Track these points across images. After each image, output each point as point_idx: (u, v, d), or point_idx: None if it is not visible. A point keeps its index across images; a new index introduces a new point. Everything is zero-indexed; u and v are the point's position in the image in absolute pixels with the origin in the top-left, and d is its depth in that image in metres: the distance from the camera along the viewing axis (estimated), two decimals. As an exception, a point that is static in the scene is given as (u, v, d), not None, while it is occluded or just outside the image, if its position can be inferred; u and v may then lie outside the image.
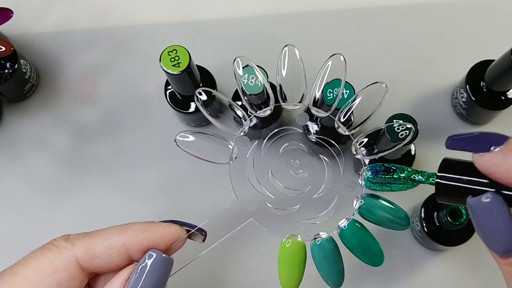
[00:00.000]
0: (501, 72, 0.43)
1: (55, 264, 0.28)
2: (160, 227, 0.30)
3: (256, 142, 0.35)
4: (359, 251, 0.32)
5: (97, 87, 0.54)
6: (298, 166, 0.36)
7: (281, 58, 0.34)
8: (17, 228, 0.51)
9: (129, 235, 0.30)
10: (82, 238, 0.30)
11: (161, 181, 0.51)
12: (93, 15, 0.57)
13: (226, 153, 0.34)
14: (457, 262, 0.48)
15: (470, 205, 0.26)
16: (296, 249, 0.32)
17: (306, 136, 0.44)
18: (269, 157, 0.36)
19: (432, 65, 0.53)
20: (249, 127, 0.37)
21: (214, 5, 0.56)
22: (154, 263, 0.28)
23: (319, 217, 0.33)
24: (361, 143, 0.34)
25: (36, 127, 0.53)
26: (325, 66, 0.34)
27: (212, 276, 0.49)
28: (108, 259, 0.29)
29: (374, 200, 0.33)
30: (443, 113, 0.52)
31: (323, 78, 0.34)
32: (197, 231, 0.32)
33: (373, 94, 0.34)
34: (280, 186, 0.34)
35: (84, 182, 0.52)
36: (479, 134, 0.27)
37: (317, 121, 0.45)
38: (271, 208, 0.34)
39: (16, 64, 0.49)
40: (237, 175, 0.33)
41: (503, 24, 0.54)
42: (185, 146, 0.33)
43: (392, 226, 0.32)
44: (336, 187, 0.34)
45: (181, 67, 0.42)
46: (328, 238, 0.32)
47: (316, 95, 0.35)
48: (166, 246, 0.30)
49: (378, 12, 0.55)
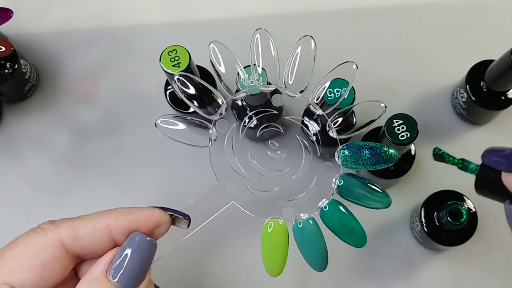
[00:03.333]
0: (501, 72, 0.43)
1: (40, 244, 0.29)
2: (143, 210, 0.31)
3: (234, 125, 0.35)
4: (340, 232, 0.32)
5: (97, 87, 0.54)
6: (276, 147, 0.36)
7: (253, 43, 0.35)
8: (17, 228, 0.51)
9: (113, 217, 0.30)
10: (68, 221, 0.30)
11: (161, 181, 0.51)
12: (93, 15, 0.57)
13: (206, 137, 0.34)
14: (457, 262, 0.48)
15: (508, 211, 0.27)
16: (278, 232, 0.32)
17: (280, 115, 0.44)
18: (247, 140, 0.36)
19: (432, 65, 0.53)
20: (250, 129, 0.37)
21: (214, 5, 0.56)
22: (137, 245, 0.29)
23: (299, 198, 0.34)
24: (336, 122, 0.35)
25: (36, 127, 0.53)
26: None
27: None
28: (92, 240, 0.30)
29: (352, 179, 0.33)
30: (443, 113, 0.52)
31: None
32: (180, 215, 0.32)
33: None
34: (259, 167, 0.35)
35: (84, 182, 0.52)
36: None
37: (317, 121, 0.45)
38: (252, 190, 0.34)
39: (16, 64, 0.49)
40: (217, 159, 0.33)
41: (503, 24, 0.54)
42: (165, 130, 0.33)
43: (372, 205, 0.32)
44: (315, 168, 0.34)
45: (181, 67, 0.42)
46: (310, 219, 0.32)
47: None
48: (149, 229, 0.31)
49: (378, 12, 0.55)
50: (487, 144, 0.51)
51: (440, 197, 0.45)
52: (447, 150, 0.32)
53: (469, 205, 0.44)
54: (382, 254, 0.49)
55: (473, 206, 0.44)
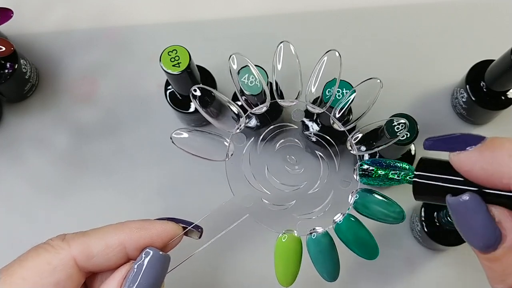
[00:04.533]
0: (501, 72, 0.43)
1: (52, 264, 0.28)
2: (156, 225, 0.30)
3: (252, 139, 0.35)
4: (354, 245, 0.32)
5: (97, 87, 0.54)
6: (294, 162, 0.36)
7: (277, 54, 0.35)
8: (17, 228, 0.51)
9: (126, 233, 0.29)
10: (79, 238, 0.29)
11: (161, 181, 0.51)
12: (93, 15, 0.57)
13: (222, 150, 0.34)
14: (457, 262, 0.48)
15: (450, 204, 0.26)
16: (292, 244, 0.32)
17: (302, 132, 0.44)
18: (265, 153, 0.36)
19: (432, 65, 0.53)
20: (249, 128, 0.37)
21: (214, 5, 0.56)
22: (151, 260, 0.28)
23: (314, 212, 0.34)
24: (356, 138, 0.35)
25: (36, 127, 0.53)
26: (321, 62, 0.34)
27: (209, 274, 0.49)
28: (105, 258, 0.29)
29: (369, 195, 0.33)
30: (443, 113, 0.52)
31: (319, 74, 0.35)
32: (193, 228, 0.32)
33: (368, 90, 0.34)
34: (276, 182, 0.35)
35: (84, 182, 0.52)
36: (457, 135, 0.27)
37: (317, 121, 0.45)
38: (267, 204, 0.34)
39: (16, 64, 0.49)
40: (233, 172, 0.33)
41: (503, 24, 0.54)
42: (181, 143, 0.33)
43: (386, 221, 0.33)
44: (332, 183, 0.34)
45: (181, 67, 0.42)
46: (324, 233, 0.32)
47: (312, 90, 0.35)
48: (163, 243, 0.30)
49: (378, 12, 0.55)
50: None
51: (440, 197, 0.45)
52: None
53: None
54: (382, 254, 0.48)
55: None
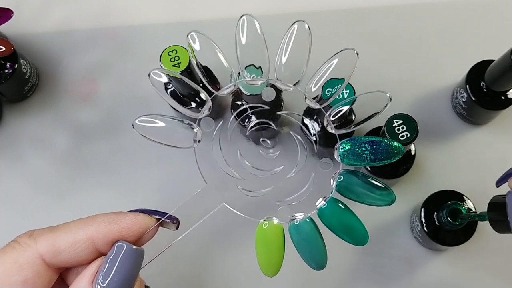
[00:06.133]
0: (501, 72, 0.43)
1: (19, 262, 0.28)
2: (126, 218, 0.29)
3: (221, 123, 0.32)
4: (340, 231, 0.30)
5: (97, 87, 0.54)
6: (268, 145, 0.34)
7: (239, 27, 0.32)
8: (17, 228, 0.51)
9: (94, 227, 0.28)
10: (46, 234, 0.29)
11: (161, 181, 0.51)
12: (93, 15, 0.57)
13: (190, 137, 0.32)
14: (457, 262, 0.48)
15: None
16: (273, 232, 0.30)
17: (274, 112, 0.41)
18: (237, 138, 0.34)
19: (432, 65, 0.53)
20: (249, 129, 0.36)
21: (214, 5, 0.56)
22: (123, 255, 0.27)
23: (294, 198, 0.32)
24: (335, 115, 0.32)
25: (36, 127, 0.53)
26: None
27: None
28: (74, 254, 0.28)
29: (353, 176, 0.31)
30: (443, 113, 0.52)
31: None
32: (168, 219, 0.30)
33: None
34: (250, 167, 0.32)
35: (84, 182, 0.52)
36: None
37: (317, 121, 0.45)
38: (243, 191, 0.32)
39: (16, 64, 0.49)
40: (204, 159, 0.31)
41: (503, 24, 0.54)
42: (144, 131, 0.31)
43: (374, 203, 0.31)
44: (312, 165, 0.32)
45: (181, 67, 0.42)
46: (307, 219, 0.31)
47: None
48: (134, 236, 0.29)
49: (378, 12, 0.55)
50: (487, 144, 0.51)
51: (440, 197, 0.45)
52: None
53: (469, 205, 0.44)
54: (382, 254, 0.49)
55: (473, 206, 0.44)
